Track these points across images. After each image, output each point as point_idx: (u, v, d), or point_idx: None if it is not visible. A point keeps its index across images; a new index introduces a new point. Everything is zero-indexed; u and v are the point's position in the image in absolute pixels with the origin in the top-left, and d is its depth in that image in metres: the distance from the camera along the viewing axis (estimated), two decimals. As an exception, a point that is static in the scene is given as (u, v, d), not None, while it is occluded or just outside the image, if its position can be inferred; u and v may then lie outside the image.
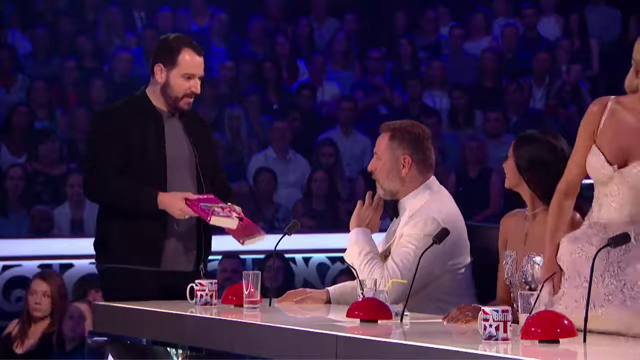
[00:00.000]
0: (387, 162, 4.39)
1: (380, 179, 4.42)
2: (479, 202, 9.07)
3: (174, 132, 4.73)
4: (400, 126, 4.42)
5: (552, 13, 11.07)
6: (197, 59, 4.75)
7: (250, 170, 9.49)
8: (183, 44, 4.74)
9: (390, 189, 4.42)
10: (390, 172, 4.39)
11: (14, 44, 10.41)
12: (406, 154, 4.38)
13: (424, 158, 4.41)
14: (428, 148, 4.43)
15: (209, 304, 4.38)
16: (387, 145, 4.39)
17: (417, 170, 4.40)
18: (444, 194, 4.46)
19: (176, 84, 4.71)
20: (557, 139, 3.98)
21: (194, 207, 4.60)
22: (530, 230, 3.97)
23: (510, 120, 10.01)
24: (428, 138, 4.43)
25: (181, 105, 4.73)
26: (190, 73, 4.72)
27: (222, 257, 7.92)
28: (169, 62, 4.71)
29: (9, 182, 8.76)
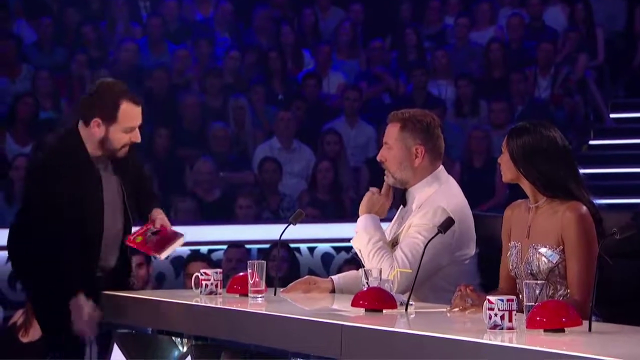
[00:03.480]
0: (399, 152, 4.38)
1: (391, 169, 4.41)
2: (484, 191, 9.07)
3: (108, 180, 4.68)
4: (411, 116, 4.40)
5: (558, 2, 11.05)
6: (136, 110, 4.63)
7: (255, 160, 9.49)
8: (121, 96, 4.60)
9: (402, 178, 4.40)
10: (403, 162, 4.38)
11: (19, 33, 10.41)
12: (418, 144, 4.37)
13: (435, 147, 4.40)
14: (439, 137, 4.42)
15: (214, 293, 4.38)
16: (398, 135, 4.38)
17: (429, 160, 4.39)
18: (452, 184, 4.46)
19: (116, 138, 4.61)
20: (550, 129, 3.96)
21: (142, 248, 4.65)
22: (533, 222, 3.96)
23: (516, 110, 10.00)
24: (438, 127, 4.42)
25: (119, 155, 4.66)
26: (131, 127, 4.62)
27: (228, 246, 7.93)
28: (107, 117, 4.59)
29: (14, 172, 8.76)
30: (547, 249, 3.90)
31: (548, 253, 3.89)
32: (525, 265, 3.95)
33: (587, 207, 3.89)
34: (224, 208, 9.00)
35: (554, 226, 3.89)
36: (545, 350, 3.03)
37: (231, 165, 9.45)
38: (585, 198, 3.92)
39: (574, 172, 3.95)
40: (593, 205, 3.93)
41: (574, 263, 3.85)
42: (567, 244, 3.87)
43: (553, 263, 3.87)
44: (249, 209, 8.85)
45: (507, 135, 4.00)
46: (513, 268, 4.00)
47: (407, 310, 3.87)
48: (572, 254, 3.86)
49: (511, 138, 3.97)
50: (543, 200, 3.95)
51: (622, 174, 9.84)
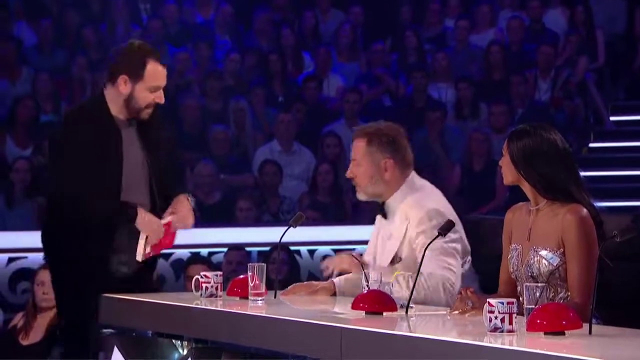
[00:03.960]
0: (368, 167, 4.41)
1: (362, 184, 4.44)
2: (485, 194, 9.06)
3: (130, 141, 4.70)
4: (376, 130, 4.42)
5: (558, 5, 11.05)
6: (162, 70, 4.69)
7: (255, 162, 9.49)
8: (148, 55, 4.67)
9: (374, 193, 4.44)
10: (373, 176, 4.41)
11: (20, 36, 10.42)
12: (386, 158, 4.41)
13: (403, 158, 4.45)
14: (405, 146, 4.46)
15: (214, 296, 4.38)
16: (365, 151, 4.41)
17: (398, 171, 4.43)
18: (430, 188, 4.50)
19: (141, 97, 4.65)
20: (550, 131, 3.96)
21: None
22: (534, 225, 3.96)
23: (516, 112, 10.00)
24: (403, 137, 4.46)
25: (142, 116, 4.69)
26: (156, 86, 4.66)
27: (228, 249, 7.93)
28: (134, 74, 4.64)
29: (14, 175, 8.76)
30: (547, 251, 3.90)
31: (549, 256, 3.89)
32: (525, 268, 3.95)
33: (588, 209, 3.89)
34: (224, 211, 9.00)
35: (555, 229, 3.89)
36: (546, 353, 3.03)
37: (231, 167, 9.45)
38: (586, 201, 3.92)
39: (575, 174, 3.95)
40: (594, 208, 3.93)
41: (574, 266, 3.85)
42: (567, 246, 3.87)
43: (554, 266, 3.87)
44: (249, 212, 8.85)
45: (508, 138, 4.00)
46: (513, 271, 4.00)
47: (408, 313, 3.87)
48: (573, 256, 3.86)
49: (512, 141, 3.97)
50: (544, 203, 3.95)
51: (623, 176, 9.84)
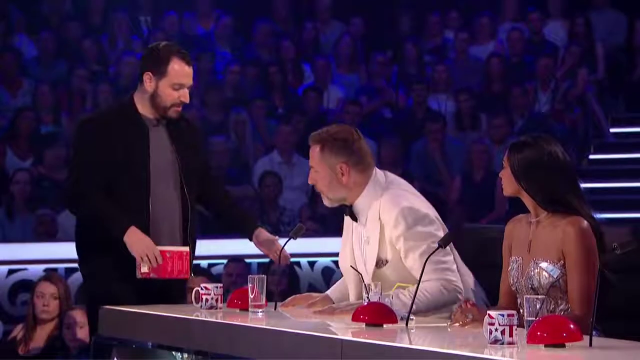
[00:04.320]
0: (325, 174, 4.36)
1: (323, 191, 4.39)
2: (485, 205, 9.06)
3: (159, 140, 4.73)
4: (328, 135, 4.36)
5: (558, 17, 11.06)
6: (187, 69, 4.73)
7: (255, 174, 9.49)
8: (173, 53, 4.72)
9: (337, 197, 4.39)
10: (331, 182, 4.36)
11: (20, 48, 10.43)
12: (341, 162, 4.33)
13: (360, 160, 4.35)
14: (360, 148, 4.36)
15: (215, 307, 4.38)
16: (320, 158, 4.36)
17: (357, 173, 4.35)
18: (395, 184, 4.39)
19: (165, 94, 4.70)
20: (551, 143, 3.95)
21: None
22: (534, 237, 3.96)
23: (516, 124, 10.01)
24: (357, 139, 4.36)
25: (170, 114, 4.73)
26: (179, 83, 4.71)
27: (228, 261, 7.93)
28: (158, 71, 4.70)
29: (14, 186, 8.76)
30: (548, 263, 3.89)
31: (549, 268, 3.89)
32: (526, 280, 3.94)
33: (588, 221, 3.89)
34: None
35: (555, 241, 3.89)
36: (546, 365, 3.03)
37: (232, 179, 9.46)
38: (586, 212, 3.91)
39: (575, 186, 3.95)
40: (594, 220, 3.93)
41: (574, 278, 3.85)
42: (568, 258, 3.87)
43: (554, 278, 3.87)
44: (250, 223, 8.84)
45: (508, 150, 4.00)
46: (514, 283, 4.00)
47: (408, 325, 3.86)
48: (573, 268, 3.86)
49: (512, 152, 3.97)
50: (544, 215, 3.95)
51: (623, 188, 9.83)
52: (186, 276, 4.72)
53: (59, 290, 6.20)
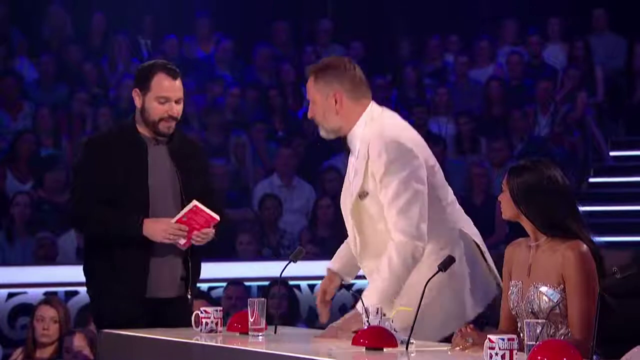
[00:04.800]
0: (320, 103, 4.37)
1: (319, 121, 4.41)
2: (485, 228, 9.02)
3: (158, 159, 4.74)
4: (322, 65, 4.40)
5: (557, 41, 11.09)
6: (170, 82, 4.75)
7: (255, 196, 9.49)
8: (157, 68, 4.77)
9: (332, 128, 4.40)
10: (326, 112, 4.36)
11: (21, 71, 10.45)
12: (334, 90, 4.35)
13: (354, 88, 4.36)
14: (354, 76, 4.37)
15: (214, 331, 4.37)
16: (314, 88, 4.39)
17: (351, 101, 4.36)
18: (388, 116, 4.39)
19: (151, 108, 4.73)
20: (550, 167, 3.96)
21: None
22: (534, 261, 3.96)
23: (515, 147, 10.02)
24: (352, 67, 4.37)
25: (161, 130, 4.75)
26: (163, 96, 4.73)
27: (227, 284, 7.92)
28: (144, 87, 4.75)
29: (14, 209, 8.76)
30: (548, 287, 3.89)
31: (549, 292, 3.89)
32: (526, 304, 3.94)
33: (588, 245, 3.89)
34: (224, 245, 8.99)
35: (555, 265, 3.89)
36: (547, 390, 3.02)
37: (232, 201, 9.46)
38: (586, 237, 3.91)
39: (575, 210, 3.95)
40: (594, 244, 3.92)
41: (574, 302, 3.85)
42: (567, 282, 3.87)
43: (554, 302, 3.86)
44: (249, 246, 8.85)
45: (508, 173, 4.01)
46: (514, 307, 3.99)
47: (408, 349, 3.85)
48: (573, 292, 3.85)
49: (511, 176, 3.98)
50: (543, 239, 3.95)
51: (622, 211, 9.83)
52: (216, 219, 4.68)
53: (59, 313, 6.19)
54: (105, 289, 4.69)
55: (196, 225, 4.67)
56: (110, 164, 4.68)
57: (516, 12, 11.40)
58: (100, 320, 4.72)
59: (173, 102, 4.74)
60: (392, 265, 4.21)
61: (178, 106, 4.76)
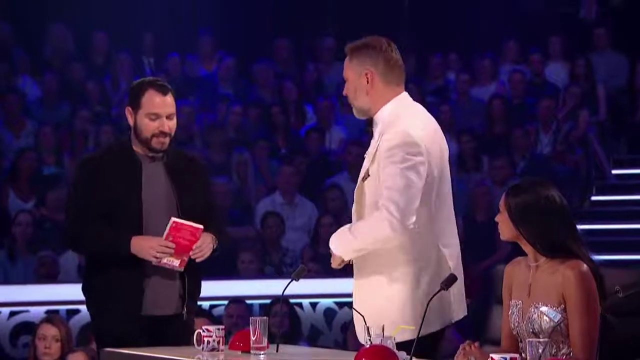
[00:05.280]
0: (352, 81, 4.35)
1: (351, 100, 4.38)
2: (487, 247, 9.05)
3: (153, 175, 4.75)
4: (359, 44, 4.37)
5: (559, 59, 11.11)
6: (160, 99, 4.77)
7: (257, 214, 9.49)
8: (147, 85, 4.80)
9: (361, 107, 4.35)
10: (357, 90, 4.33)
11: (24, 89, 10.47)
12: (367, 69, 4.31)
13: (388, 70, 4.32)
14: (391, 59, 4.33)
15: (216, 350, 4.36)
16: (349, 65, 4.37)
17: (383, 84, 4.33)
18: (414, 108, 4.38)
19: (143, 125, 4.75)
20: (547, 187, 3.95)
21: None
22: (534, 281, 3.95)
23: (518, 165, 10.01)
24: (387, 49, 4.33)
25: (154, 146, 4.75)
26: (154, 113, 4.75)
27: (229, 302, 7.90)
28: (135, 104, 4.78)
29: (16, 228, 8.76)
30: (548, 307, 3.88)
31: (550, 312, 3.88)
32: (527, 324, 3.93)
33: (588, 264, 3.88)
34: (226, 263, 8.98)
35: (555, 285, 3.88)
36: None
37: (234, 219, 9.46)
38: (586, 256, 3.91)
39: (573, 230, 3.94)
40: (593, 263, 3.92)
41: (576, 321, 3.84)
42: (568, 302, 3.86)
43: (555, 322, 3.86)
44: (251, 264, 8.84)
45: (505, 194, 4.00)
46: (515, 327, 3.98)
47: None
48: (574, 312, 3.84)
49: (509, 197, 3.97)
50: (543, 260, 3.94)
51: (625, 230, 9.82)
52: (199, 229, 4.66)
53: (61, 332, 6.18)
54: (103, 307, 4.70)
55: (183, 241, 4.67)
56: (104, 182, 4.70)
57: (518, 30, 11.42)
58: (100, 339, 4.72)
59: (164, 118, 4.75)
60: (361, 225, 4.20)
61: (170, 122, 4.77)
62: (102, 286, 4.69)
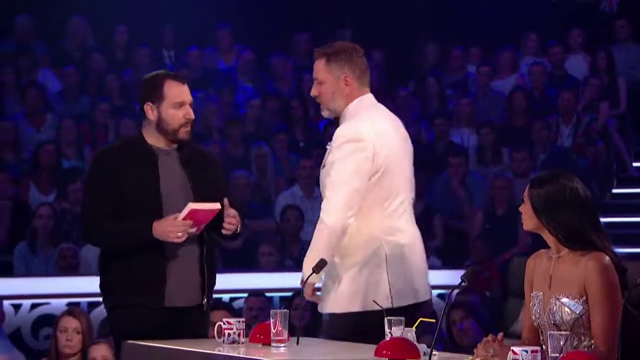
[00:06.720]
0: (330, 84, 4.71)
1: (325, 102, 4.73)
2: (507, 239, 9.03)
3: (169, 168, 4.76)
4: (334, 49, 4.73)
5: (580, 51, 11.07)
6: (182, 87, 4.80)
7: (277, 207, 9.50)
8: (164, 76, 4.81)
9: (336, 109, 4.72)
10: (335, 92, 4.71)
11: (44, 83, 10.51)
12: (345, 73, 4.69)
13: (361, 74, 4.72)
14: (363, 63, 4.74)
15: (237, 342, 4.37)
16: (326, 69, 4.72)
17: (356, 87, 4.72)
18: (375, 107, 4.74)
19: (169, 116, 4.75)
20: (571, 179, 3.95)
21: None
22: (555, 272, 3.95)
23: (538, 158, 9.99)
24: (361, 55, 4.74)
25: (181, 136, 4.77)
26: (180, 101, 4.77)
27: (249, 295, 7.92)
28: (156, 98, 4.76)
29: (37, 221, 8.79)
30: (569, 299, 3.87)
31: (571, 304, 3.87)
32: (548, 316, 3.92)
33: (610, 257, 3.87)
34: (246, 256, 9.00)
35: (577, 276, 3.88)
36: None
37: (253, 213, 9.47)
38: (608, 249, 3.90)
39: (596, 222, 3.93)
40: (616, 256, 3.91)
41: (598, 314, 3.83)
42: (590, 294, 3.85)
43: (577, 314, 3.85)
44: (271, 257, 8.85)
45: (529, 185, 4.00)
46: (536, 319, 3.97)
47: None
48: (596, 304, 3.84)
49: (533, 188, 3.97)
50: (565, 251, 3.94)
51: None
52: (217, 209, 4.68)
53: (82, 324, 6.20)
54: (125, 300, 4.70)
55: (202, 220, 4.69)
56: (121, 175, 4.70)
57: (538, 22, 11.38)
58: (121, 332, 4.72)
59: (188, 105, 4.78)
60: (312, 242, 4.71)
61: (191, 109, 4.80)
62: (123, 280, 4.69)
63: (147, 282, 4.66)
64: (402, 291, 4.59)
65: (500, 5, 11.53)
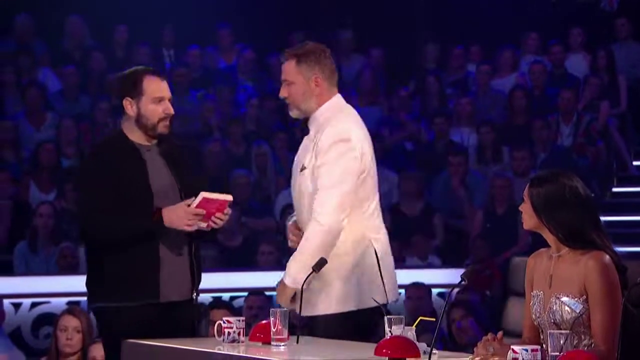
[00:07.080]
0: (300, 85, 4.76)
1: (295, 102, 4.78)
2: (507, 239, 9.03)
3: (154, 163, 4.78)
4: (302, 50, 4.80)
5: (580, 50, 11.06)
6: (160, 82, 4.81)
7: (277, 206, 9.50)
8: (142, 72, 4.82)
9: (307, 108, 4.77)
10: (305, 93, 4.76)
11: (44, 82, 10.51)
12: (315, 74, 4.75)
13: (330, 75, 4.78)
14: (332, 64, 4.82)
15: (237, 341, 4.37)
16: (296, 70, 4.77)
17: (326, 87, 4.77)
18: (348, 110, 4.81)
19: (149, 111, 4.77)
20: (571, 178, 3.95)
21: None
22: (555, 271, 3.95)
23: (538, 157, 9.99)
24: (329, 56, 4.82)
25: (160, 131, 4.78)
26: (159, 96, 4.78)
27: (249, 294, 7.92)
28: (135, 93, 4.77)
29: (38, 220, 8.80)
30: (569, 298, 3.87)
31: (571, 302, 3.87)
32: (548, 315, 3.92)
33: (610, 256, 3.87)
34: (246, 255, 9.00)
35: (577, 275, 3.88)
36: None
37: (253, 211, 9.47)
38: (608, 248, 3.90)
39: (596, 221, 3.93)
40: (616, 255, 3.91)
41: (598, 313, 3.83)
42: (590, 293, 3.85)
43: (577, 312, 3.85)
44: (271, 256, 8.85)
45: (529, 184, 4.00)
46: (536, 318, 3.98)
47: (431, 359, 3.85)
48: (596, 303, 3.84)
49: (533, 187, 3.97)
50: (565, 250, 3.94)
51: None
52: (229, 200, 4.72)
53: (82, 323, 6.20)
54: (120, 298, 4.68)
55: (212, 210, 4.70)
56: (112, 172, 4.71)
57: (538, 21, 11.38)
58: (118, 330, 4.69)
59: (167, 100, 4.79)
60: (303, 244, 4.62)
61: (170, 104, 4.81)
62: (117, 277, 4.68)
63: (144, 278, 4.66)
64: (393, 286, 4.69)
65: (500, 4, 11.53)
